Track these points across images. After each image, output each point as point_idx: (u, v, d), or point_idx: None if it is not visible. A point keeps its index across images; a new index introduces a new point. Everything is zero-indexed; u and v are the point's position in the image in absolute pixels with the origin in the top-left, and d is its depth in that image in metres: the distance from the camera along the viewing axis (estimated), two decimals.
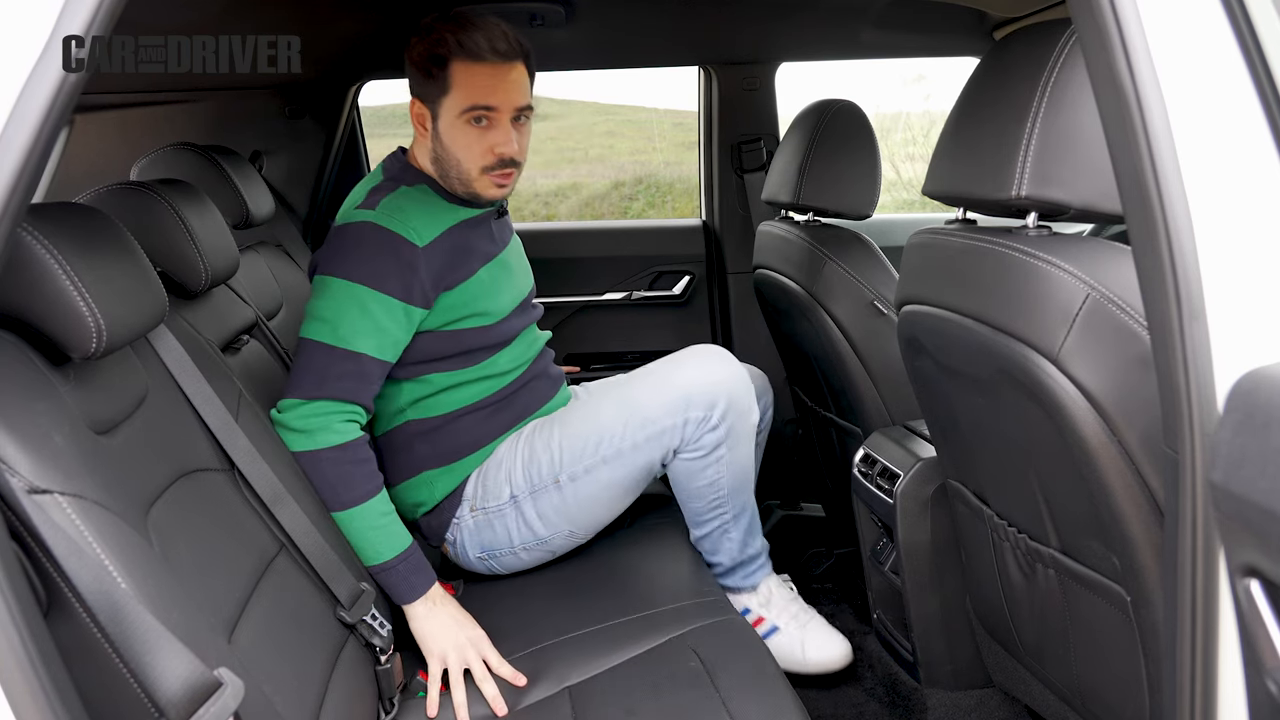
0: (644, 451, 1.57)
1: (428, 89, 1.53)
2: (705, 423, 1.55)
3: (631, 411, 1.57)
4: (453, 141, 1.53)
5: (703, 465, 1.60)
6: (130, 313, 1.02)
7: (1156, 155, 0.75)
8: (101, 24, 0.73)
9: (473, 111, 1.50)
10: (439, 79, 1.50)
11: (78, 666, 0.76)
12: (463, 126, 1.52)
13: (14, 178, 0.72)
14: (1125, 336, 0.99)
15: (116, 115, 2.37)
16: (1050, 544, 1.22)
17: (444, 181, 1.59)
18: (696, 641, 1.38)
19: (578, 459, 1.58)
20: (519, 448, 1.63)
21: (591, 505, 1.61)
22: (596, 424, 1.59)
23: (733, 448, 1.60)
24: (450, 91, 1.50)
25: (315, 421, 1.41)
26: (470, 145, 1.52)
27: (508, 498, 1.61)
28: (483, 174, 1.54)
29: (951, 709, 1.67)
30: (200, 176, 1.80)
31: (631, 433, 1.56)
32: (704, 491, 1.64)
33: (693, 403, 1.54)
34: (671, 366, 1.62)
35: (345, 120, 2.68)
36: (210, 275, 1.46)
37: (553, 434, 1.61)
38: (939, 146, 1.24)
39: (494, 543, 1.63)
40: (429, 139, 1.56)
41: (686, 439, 1.57)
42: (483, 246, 1.62)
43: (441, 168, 1.57)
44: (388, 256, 1.46)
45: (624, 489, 1.61)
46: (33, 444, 0.82)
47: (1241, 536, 0.71)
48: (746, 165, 2.76)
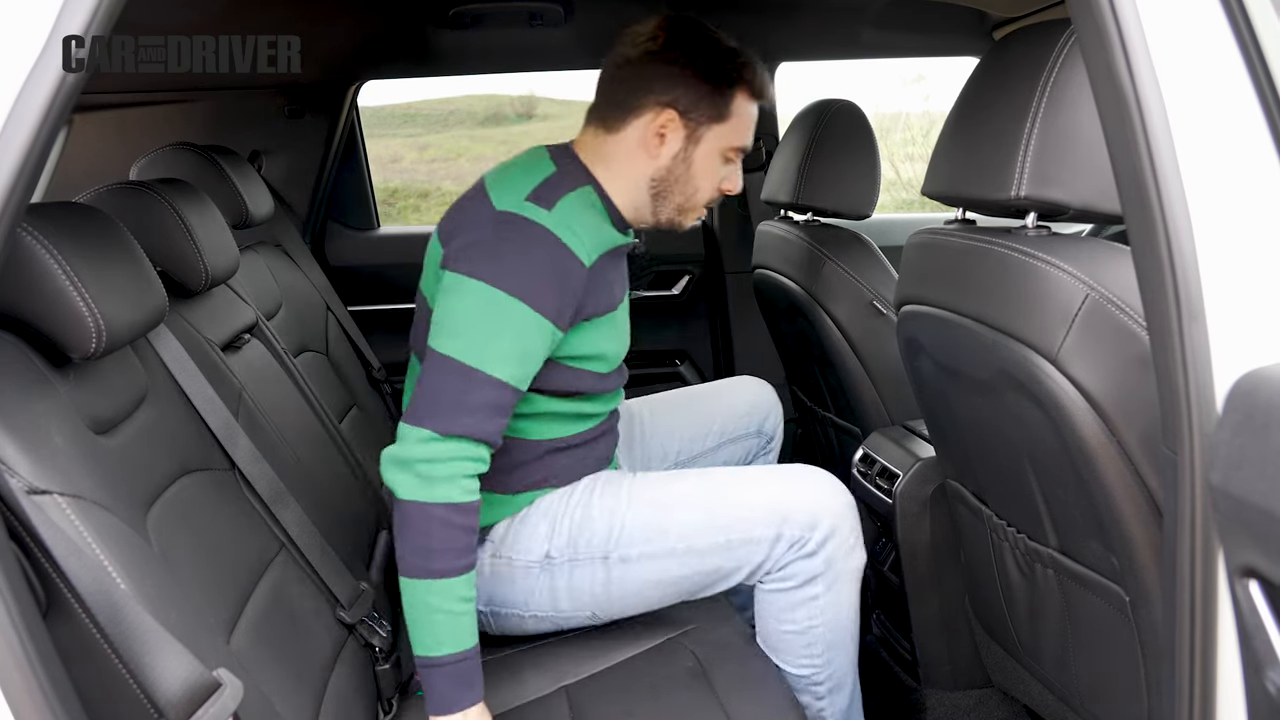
0: (718, 556, 1.33)
1: (701, 107, 1.34)
2: (800, 545, 1.32)
3: (719, 508, 1.35)
4: (703, 169, 1.37)
5: (793, 602, 1.35)
6: (130, 312, 1.02)
7: (1156, 155, 0.75)
8: (101, 24, 0.73)
9: (739, 151, 1.40)
10: (719, 102, 1.34)
11: (77, 667, 0.76)
12: (718, 159, 1.38)
13: (13, 177, 0.72)
14: (1124, 337, 0.99)
15: (115, 115, 2.36)
16: (1049, 544, 1.22)
17: (641, 202, 1.39)
18: (694, 642, 1.38)
19: (639, 540, 1.34)
20: (572, 504, 1.39)
21: (633, 597, 1.38)
22: (674, 510, 1.36)
23: (831, 587, 1.35)
24: (726, 121, 1.35)
25: (443, 468, 1.18)
26: (712, 176, 1.39)
27: (541, 556, 1.38)
28: (703, 205, 1.43)
29: (950, 709, 1.67)
30: (199, 176, 1.80)
31: (713, 532, 1.33)
32: (793, 643, 1.37)
33: (790, 520, 1.32)
34: (775, 474, 1.41)
35: (345, 120, 2.67)
36: (210, 275, 1.46)
37: (618, 502, 1.37)
38: (938, 146, 1.24)
39: (507, 599, 1.41)
40: (661, 157, 1.36)
41: (775, 559, 1.33)
42: (621, 281, 1.45)
43: (662, 190, 1.38)
44: (556, 272, 1.25)
45: (677, 590, 1.38)
46: (32, 444, 0.82)
47: (1240, 537, 0.71)
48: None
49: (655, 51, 1.34)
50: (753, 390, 1.85)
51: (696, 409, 1.80)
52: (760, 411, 1.82)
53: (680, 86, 1.33)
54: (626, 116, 1.35)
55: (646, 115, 1.34)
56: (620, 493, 1.39)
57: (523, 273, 1.23)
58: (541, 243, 1.25)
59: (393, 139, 7.31)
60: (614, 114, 1.36)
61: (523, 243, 1.25)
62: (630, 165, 1.37)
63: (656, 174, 1.37)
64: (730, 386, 1.87)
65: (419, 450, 1.18)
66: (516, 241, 1.25)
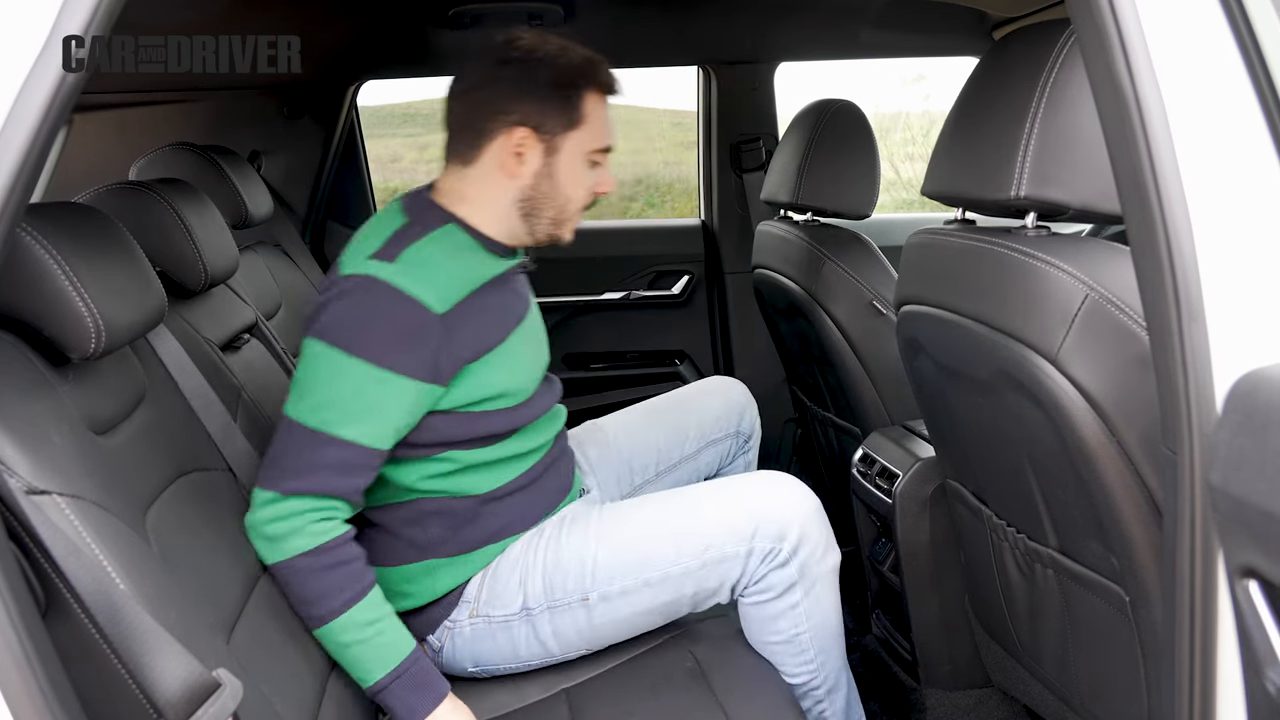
0: (695, 579, 1.33)
1: (552, 117, 1.30)
2: (772, 557, 1.32)
3: (688, 533, 1.34)
4: (570, 178, 1.33)
5: (775, 613, 1.35)
6: (129, 313, 1.02)
7: (1155, 155, 0.75)
8: (100, 24, 0.73)
9: (603, 153, 1.36)
10: (570, 109, 1.31)
11: (76, 667, 0.76)
12: (583, 164, 1.34)
13: (12, 177, 0.71)
14: (1124, 337, 0.98)
15: (115, 115, 2.36)
16: (1049, 544, 1.22)
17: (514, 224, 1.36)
18: (692, 643, 1.38)
19: (615, 577, 1.33)
20: (540, 550, 1.37)
21: (621, 629, 1.37)
22: (643, 541, 1.34)
23: (809, 592, 1.35)
24: (581, 125, 1.32)
25: (282, 526, 1.18)
26: (581, 183, 1.35)
27: (519, 608, 1.35)
28: (578, 213, 1.38)
29: (950, 709, 1.67)
30: (199, 176, 1.80)
31: (686, 558, 1.32)
32: (782, 652, 1.38)
33: (759, 533, 1.32)
34: (736, 486, 1.41)
35: (344, 120, 2.67)
36: (209, 275, 1.46)
37: (585, 543, 1.35)
38: (938, 146, 1.24)
39: (494, 656, 1.38)
40: (523, 176, 1.32)
41: (750, 573, 1.33)
42: (514, 307, 1.40)
43: (532, 208, 1.34)
44: (398, 327, 1.22)
45: (663, 615, 1.37)
46: (31, 445, 0.82)
47: (1240, 538, 0.71)
48: (745, 165, 2.76)
49: (493, 74, 1.31)
50: (725, 391, 1.80)
51: (669, 420, 1.74)
52: (735, 411, 1.77)
53: (526, 102, 1.29)
54: (480, 144, 1.32)
55: (499, 138, 1.30)
56: (588, 532, 1.36)
57: (366, 332, 1.21)
58: (384, 299, 1.21)
59: (393, 139, 7.31)
60: (467, 145, 1.33)
61: (363, 302, 1.22)
62: (494, 192, 1.33)
63: (523, 194, 1.33)
64: (702, 391, 1.81)
65: (262, 514, 1.18)
66: (358, 301, 1.22)
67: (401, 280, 1.22)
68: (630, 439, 1.71)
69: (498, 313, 1.35)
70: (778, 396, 2.55)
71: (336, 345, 1.20)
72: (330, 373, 1.21)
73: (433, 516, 1.34)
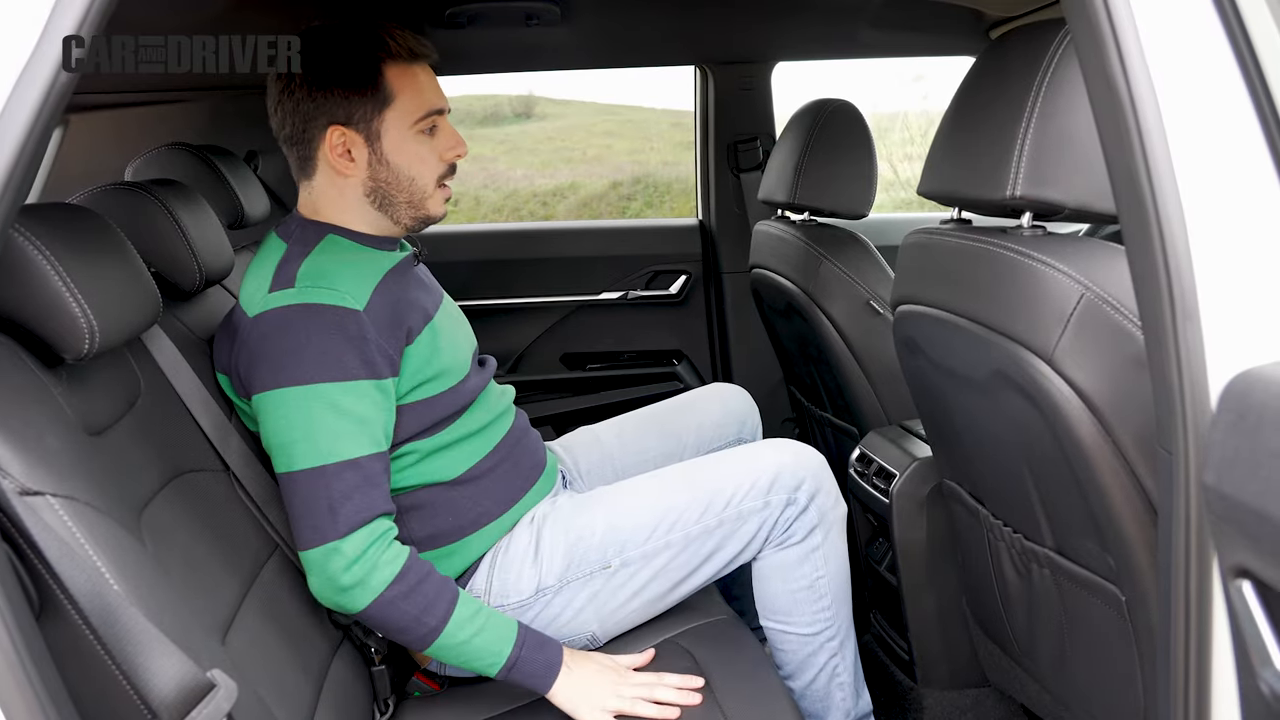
0: (716, 537, 1.36)
1: (359, 108, 1.28)
2: (793, 505, 1.37)
3: (711, 491, 1.37)
4: (406, 159, 1.31)
5: (798, 557, 1.39)
6: (123, 313, 1.02)
7: (1150, 155, 0.75)
8: (94, 23, 0.73)
9: (428, 119, 1.31)
10: (372, 91, 1.28)
11: (70, 669, 0.76)
12: (415, 138, 1.31)
13: (6, 178, 0.71)
14: (1120, 337, 0.99)
15: (111, 115, 2.36)
16: (1045, 544, 1.22)
17: (376, 218, 1.35)
18: (691, 642, 1.38)
19: (637, 542, 1.35)
20: (558, 528, 1.39)
21: (637, 599, 1.38)
22: (663, 503, 1.37)
23: (828, 535, 1.41)
24: (394, 102, 1.29)
25: (357, 569, 1.17)
26: (425, 157, 1.33)
27: (533, 591, 1.36)
28: (437, 187, 1.35)
29: (947, 708, 1.67)
30: (195, 177, 1.80)
31: (707, 516, 1.35)
32: (804, 601, 1.40)
33: (775, 485, 1.37)
34: (747, 450, 1.46)
35: None
36: (204, 275, 1.46)
37: (607, 513, 1.38)
38: (934, 146, 1.24)
39: None
40: (358, 171, 1.31)
41: (771, 526, 1.37)
42: (420, 297, 1.39)
43: (383, 198, 1.33)
44: (331, 337, 1.21)
45: (682, 583, 1.39)
46: (25, 446, 0.82)
47: (1233, 538, 0.71)
48: (743, 164, 2.76)
49: (288, 86, 1.30)
50: (725, 398, 1.79)
51: (667, 427, 1.73)
52: (735, 419, 1.76)
53: (328, 101, 1.28)
54: (309, 155, 1.32)
55: (321, 145, 1.30)
56: (604, 502, 1.41)
57: (305, 357, 1.20)
58: (303, 321, 1.21)
59: None
60: (300, 160, 1.34)
61: (286, 331, 1.21)
62: (343, 195, 1.33)
63: (366, 189, 1.33)
64: (702, 397, 1.80)
65: (329, 569, 1.17)
66: (281, 334, 1.21)
67: (310, 296, 1.22)
68: (624, 446, 1.71)
69: (412, 298, 1.35)
70: (775, 396, 2.55)
71: (288, 384, 1.20)
72: (298, 411, 1.19)
73: (410, 513, 1.34)
